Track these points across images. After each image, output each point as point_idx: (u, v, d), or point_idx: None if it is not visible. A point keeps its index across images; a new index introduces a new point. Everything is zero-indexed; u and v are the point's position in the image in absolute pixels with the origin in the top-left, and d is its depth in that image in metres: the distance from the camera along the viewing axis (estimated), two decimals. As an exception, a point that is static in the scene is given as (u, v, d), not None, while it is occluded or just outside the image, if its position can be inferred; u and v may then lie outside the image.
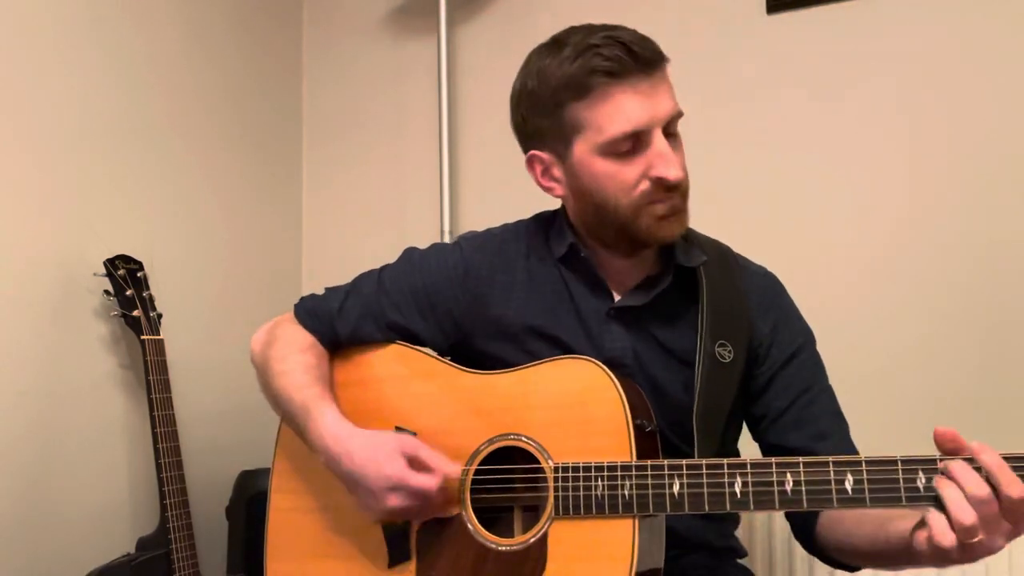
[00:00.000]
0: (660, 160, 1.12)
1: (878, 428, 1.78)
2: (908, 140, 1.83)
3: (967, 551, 0.90)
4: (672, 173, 1.12)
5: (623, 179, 1.14)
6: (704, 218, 1.35)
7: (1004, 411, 1.70)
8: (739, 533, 1.34)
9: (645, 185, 1.13)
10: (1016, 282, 1.73)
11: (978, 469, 0.91)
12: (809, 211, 1.91)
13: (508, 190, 2.22)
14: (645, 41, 1.14)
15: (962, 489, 0.90)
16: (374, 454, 1.12)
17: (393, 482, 1.10)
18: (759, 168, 1.96)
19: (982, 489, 0.90)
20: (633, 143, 1.13)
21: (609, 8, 1.51)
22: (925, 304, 1.79)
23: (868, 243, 1.85)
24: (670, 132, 1.15)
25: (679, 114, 1.16)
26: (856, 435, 1.24)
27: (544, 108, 1.17)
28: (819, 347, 1.28)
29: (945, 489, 0.91)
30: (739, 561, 1.32)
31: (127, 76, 1.96)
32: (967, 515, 0.89)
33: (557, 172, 1.21)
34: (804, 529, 1.21)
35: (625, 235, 1.18)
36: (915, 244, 1.81)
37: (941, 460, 0.93)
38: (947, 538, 0.90)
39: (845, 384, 1.28)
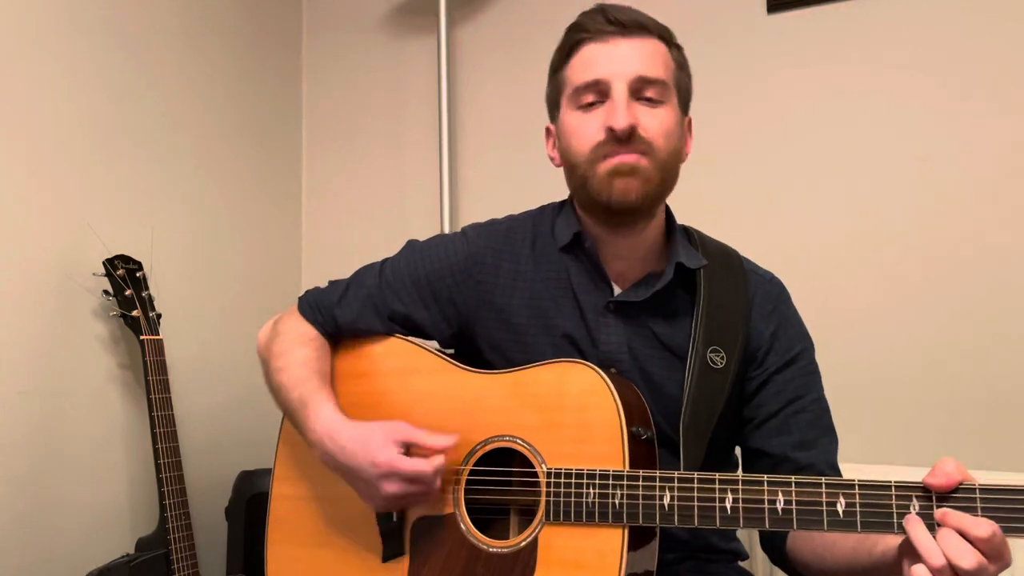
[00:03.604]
0: (612, 109, 1.14)
1: (879, 430, 1.78)
2: (909, 140, 1.83)
3: None
4: (617, 121, 1.12)
5: (584, 129, 1.16)
6: (704, 218, 1.35)
7: (1005, 412, 1.70)
8: (740, 535, 1.34)
9: (600, 136, 1.15)
10: (1019, 282, 1.73)
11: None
12: (809, 211, 1.91)
13: (508, 189, 2.22)
14: (629, 11, 1.18)
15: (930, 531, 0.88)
16: (365, 445, 1.12)
17: (384, 470, 1.09)
18: (759, 168, 1.96)
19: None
20: (596, 95, 1.16)
21: (609, 9, 1.51)
22: (925, 305, 1.79)
23: (869, 243, 1.85)
24: (643, 96, 1.16)
25: (654, 80, 1.15)
26: (856, 438, 1.21)
27: (550, 79, 1.26)
28: (818, 349, 1.27)
29: (912, 527, 0.89)
30: (740, 564, 1.32)
31: (127, 75, 1.95)
32: (936, 558, 0.86)
33: (555, 140, 1.26)
34: (773, 540, 1.21)
35: (592, 198, 1.18)
36: (916, 244, 1.81)
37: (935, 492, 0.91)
38: None
39: (846, 386, 1.28)
